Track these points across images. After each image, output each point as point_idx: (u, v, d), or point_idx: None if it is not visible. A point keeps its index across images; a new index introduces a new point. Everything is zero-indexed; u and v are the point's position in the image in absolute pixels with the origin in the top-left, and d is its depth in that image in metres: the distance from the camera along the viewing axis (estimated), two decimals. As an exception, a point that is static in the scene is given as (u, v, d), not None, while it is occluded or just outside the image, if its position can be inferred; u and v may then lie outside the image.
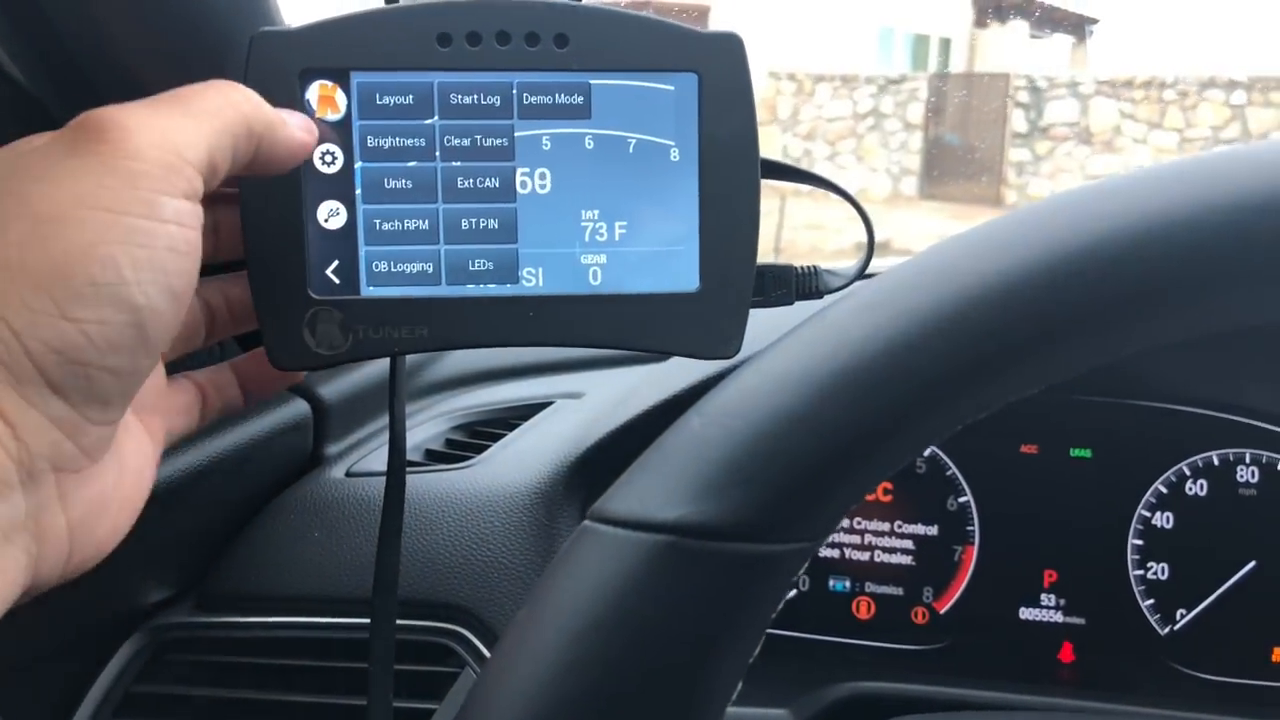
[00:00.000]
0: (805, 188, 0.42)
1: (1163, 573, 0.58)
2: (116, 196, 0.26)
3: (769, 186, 0.38)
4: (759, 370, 0.27)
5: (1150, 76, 7.61)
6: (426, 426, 0.64)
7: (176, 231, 0.27)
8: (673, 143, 0.37)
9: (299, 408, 0.57)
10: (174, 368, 0.37)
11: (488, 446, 0.60)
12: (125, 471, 0.31)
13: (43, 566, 0.28)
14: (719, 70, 0.37)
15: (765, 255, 0.39)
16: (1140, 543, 0.58)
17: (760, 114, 0.39)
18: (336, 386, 0.60)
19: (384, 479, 0.41)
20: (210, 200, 0.30)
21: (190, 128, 0.28)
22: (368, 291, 0.37)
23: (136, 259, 0.26)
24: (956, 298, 0.25)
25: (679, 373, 0.57)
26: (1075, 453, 0.59)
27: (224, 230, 0.36)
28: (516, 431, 0.62)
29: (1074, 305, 0.25)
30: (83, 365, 0.26)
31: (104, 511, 0.30)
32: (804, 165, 0.42)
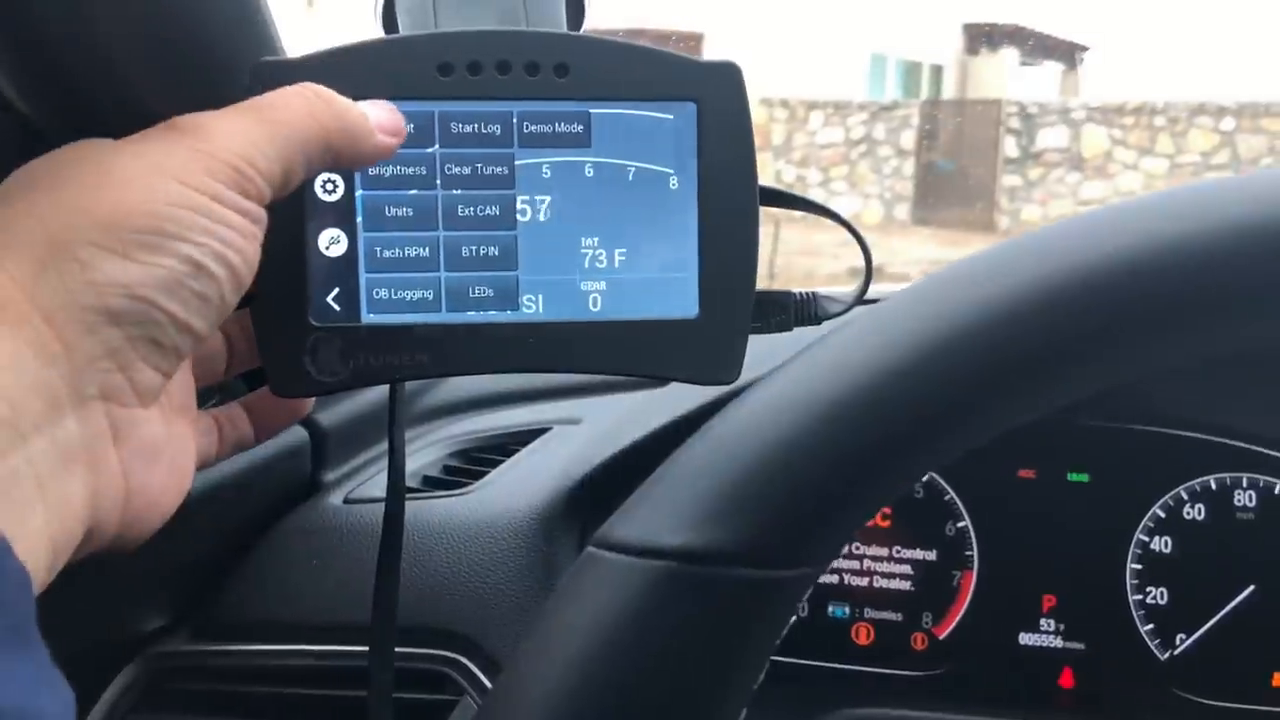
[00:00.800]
0: (799, 214, 0.43)
1: (1162, 597, 0.58)
2: (190, 175, 0.29)
3: (764, 212, 0.39)
4: (762, 397, 0.27)
5: (1141, 103, 7.68)
6: (424, 453, 0.64)
7: (236, 219, 0.30)
8: (672, 171, 0.38)
9: (297, 434, 0.57)
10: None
11: (486, 473, 0.60)
12: (171, 440, 0.32)
13: (101, 505, 0.28)
14: (717, 99, 0.37)
15: (760, 281, 0.39)
16: (1139, 567, 0.58)
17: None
18: (334, 413, 0.60)
19: (382, 505, 0.41)
20: None
21: (264, 139, 0.31)
22: (368, 319, 0.37)
23: (198, 225, 0.28)
24: (957, 325, 0.25)
25: (677, 398, 0.57)
26: (1073, 477, 0.59)
27: None
28: (514, 458, 0.62)
29: (1074, 330, 0.25)
30: (143, 301, 0.28)
31: (155, 461, 0.31)
32: (797, 192, 0.42)
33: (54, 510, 0.26)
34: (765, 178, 0.38)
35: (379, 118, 0.34)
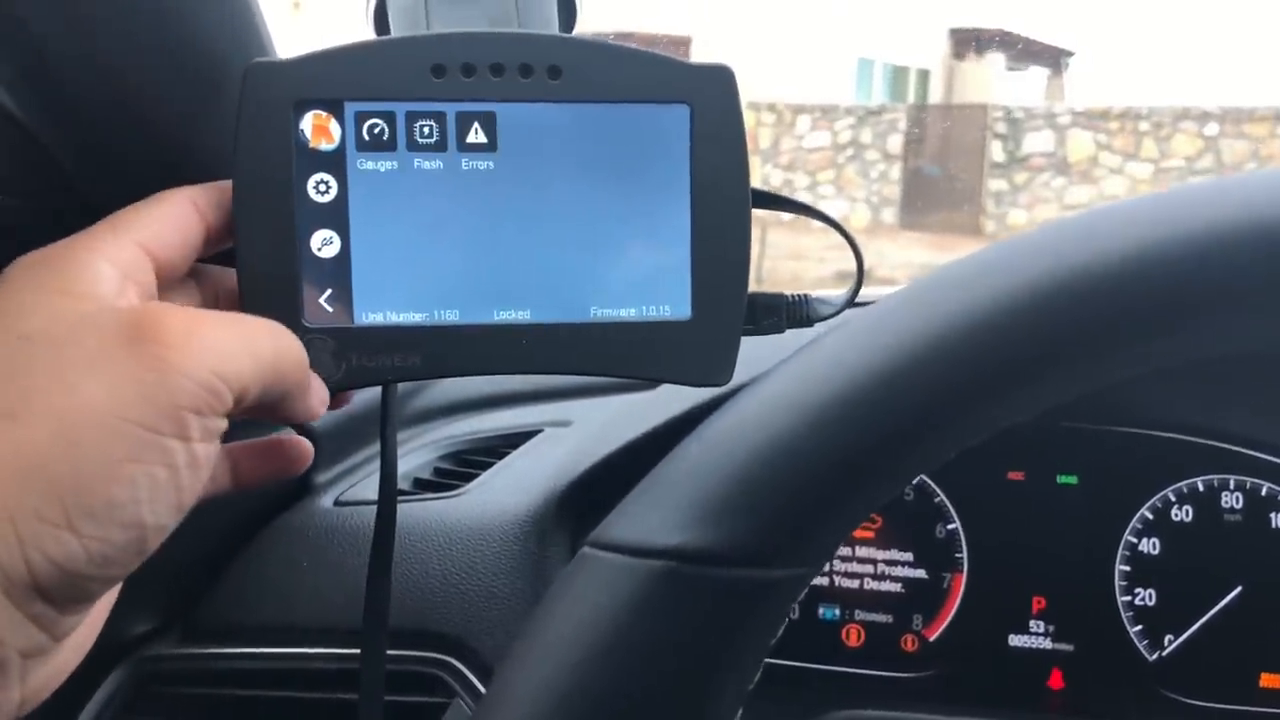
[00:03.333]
0: (788, 217, 0.43)
1: (1150, 599, 0.58)
2: (158, 414, 0.26)
3: (752, 216, 0.39)
4: (757, 398, 0.27)
5: (1125, 108, 7.73)
6: (415, 455, 0.64)
7: (200, 450, 0.27)
8: (664, 173, 0.38)
9: (288, 436, 0.57)
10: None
11: (477, 475, 0.60)
12: (85, 628, 0.31)
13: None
14: (710, 101, 0.37)
15: (749, 284, 0.39)
16: (1127, 569, 0.58)
17: (742, 145, 0.39)
18: (325, 415, 0.60)
19: (373, 507, 0.40)
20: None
21: (242, 360, 0.29)
22: (361, 320, 0.37)
23: (156, 479, 0.26)
24: (949, 327, 0.25)
25: (667, 400, 0.57)
26: (1062, 479, 0.59)
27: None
28: (505, 460, 0.62)
29: (1067, 331, 0.25)
30: (78, 577, 0.26)
31: (58, 676, 0.30)
32: (785, 195, 0.42)
33: None
34: (753, 181, 0.38)
35: (316, 387, 0.34)
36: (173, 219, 0.33)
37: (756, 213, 0.39)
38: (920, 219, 8.01)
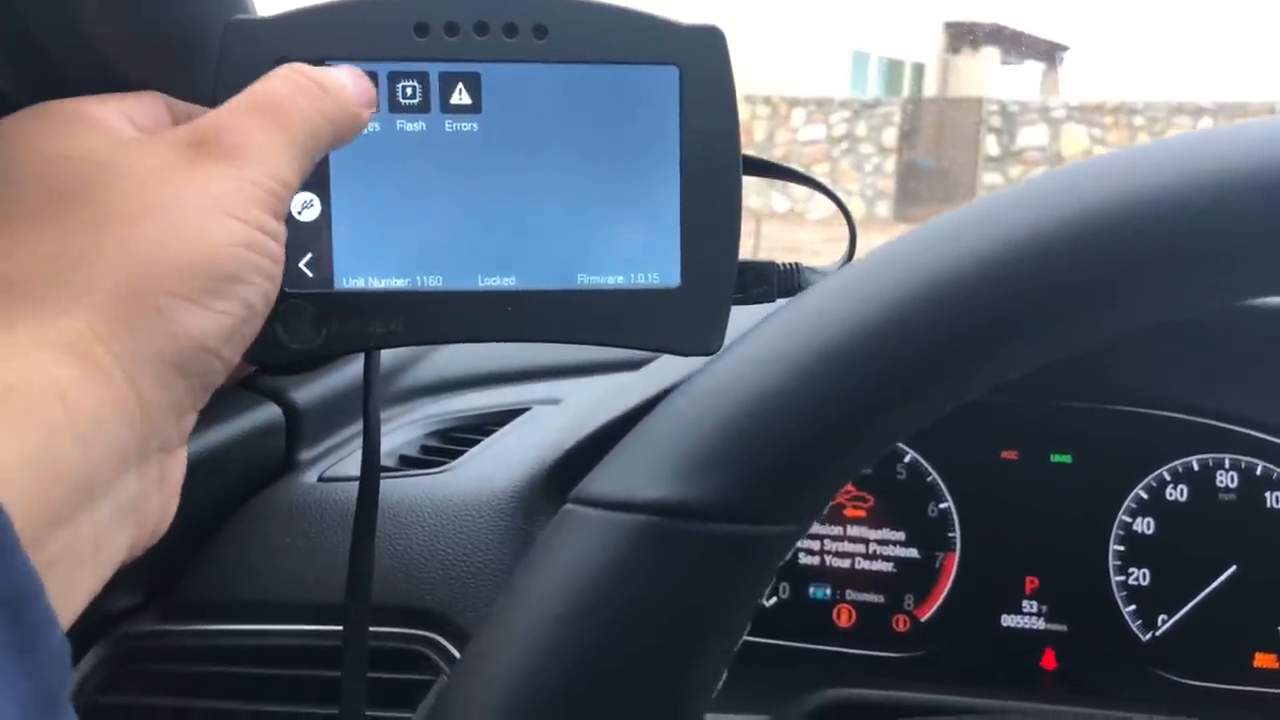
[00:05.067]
0: (782, 209, 0.42)
1: (1144, 578, 0.58)
2: (244, 210, 0.28)
3: (745, 209, 0.38)
4: (743, 353, 0.27)
5: (1120, 102, 7.74)
6: (401, 432, 0.63)
7: (275, 248, 0.30)
8: (653, 136, 0.37)
9: (271, 412, 0.56)
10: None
11: (464, 452, 0.59)
12: (168, 490, 0.31)
13: (136, 549, 0.28)
14: (700, 63, 0.37)
15: (739, 252, 0.38)
16: (1121, 548, 0.58)
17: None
18: (310, 391, 0.59)
19: (357, 484, 0.40)
20: None
21: (286, 149, 0.30)
22: (341, 285, 0.36)
23: (254, 264, 0.29)
24: (938, 277, 0.25)
25: (657, 379, 0.57)
26: (1055, 458, 0.59)
27: None
28: (493, 437, 0.61)
29: (1059, 285, 0.24)
30: (209, 351, 0.28)
31: (176, 495, 0.31)
32: (779, 189, 0.41)
33: (101, 567, 0.26)
34: (748, 177, 0.37)
35: (358, 91, 0.33)
36: (148, 101, 0.34)
37: (749, 205, 0.39)
38: (915, 211, 8.02)
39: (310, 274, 0.36)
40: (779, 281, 0.40)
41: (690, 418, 0.26)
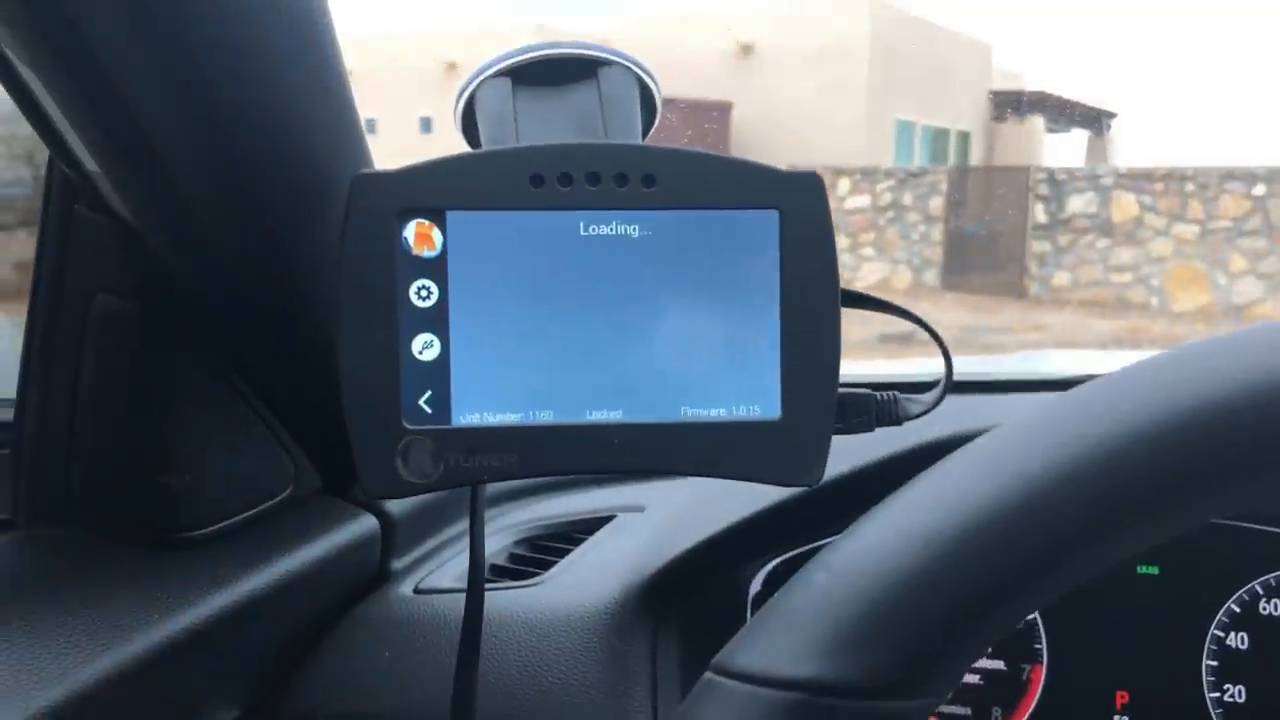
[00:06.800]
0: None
1: (1239, 695, 0.57)
2: None
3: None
4: (881, 526, 0.27)
5: (1170, 169, 7.68)
6: (489, 541, 0.64)
7: None
8: (755, 276, 0.38)
9: (368, 523, 0.58)
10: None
11: (553, 562, 0.60)
12: None
13: None
14: (799, 206, 0.38)
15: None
16: (1215, 664, 0.57)
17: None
18: (403, 501, 0.60)
19: (453, 595, 0.41)
20: None
21: None
22: (459, 421, 0.37)
23: None
24: (1074, 458, 0.25)
25: (742, 491, 0.57)
26: (1142, 569, 0.58)
27: None
28: (582, 548, 0.62)
29: (1195, 463, 0.25)
30: None
31: None
32: (874, 295, 0.42)
33: None
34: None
35: None
36: None
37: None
38: (963, 280, 7.98)
39: (429, 410, 0.37)
40: (878, 412, 0.41)
41: (833, 594, 0.26)
